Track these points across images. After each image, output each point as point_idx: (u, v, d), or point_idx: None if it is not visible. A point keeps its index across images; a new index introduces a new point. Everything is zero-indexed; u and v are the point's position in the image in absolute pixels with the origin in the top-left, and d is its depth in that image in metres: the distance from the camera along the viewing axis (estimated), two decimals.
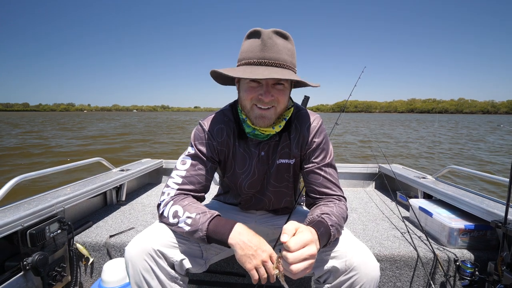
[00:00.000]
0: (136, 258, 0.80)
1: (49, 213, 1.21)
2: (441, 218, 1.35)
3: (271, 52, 0.80)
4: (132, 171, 2.04)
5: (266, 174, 1.00)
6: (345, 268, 0.78)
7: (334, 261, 0.80)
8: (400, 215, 1.71)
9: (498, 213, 1.19)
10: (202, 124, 0.97)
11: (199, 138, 0.96)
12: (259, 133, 0.91)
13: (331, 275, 0.82)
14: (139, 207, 1.84)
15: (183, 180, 0.92)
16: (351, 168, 2.46)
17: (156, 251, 0.80)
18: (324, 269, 0.82)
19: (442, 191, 1.58)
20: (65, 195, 1.36)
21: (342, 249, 0.82)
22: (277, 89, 0.83)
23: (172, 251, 0.83)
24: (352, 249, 0.81)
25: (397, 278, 1.25)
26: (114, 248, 1.32)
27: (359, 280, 0.77)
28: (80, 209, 1.61)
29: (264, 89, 0.82)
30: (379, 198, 2.11)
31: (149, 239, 0.82)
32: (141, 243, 0.81)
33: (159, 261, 0.81)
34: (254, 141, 0.96)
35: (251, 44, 0.83)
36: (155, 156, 2.79)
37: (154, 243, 0.81)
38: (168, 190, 0.91)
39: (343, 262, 0.79)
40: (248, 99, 0.85)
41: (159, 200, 0.92)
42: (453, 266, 1.21)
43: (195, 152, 0.94)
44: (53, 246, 1.21)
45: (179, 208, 0.84)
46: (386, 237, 1.40)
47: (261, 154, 0.97)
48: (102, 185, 1.65)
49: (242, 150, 0.97)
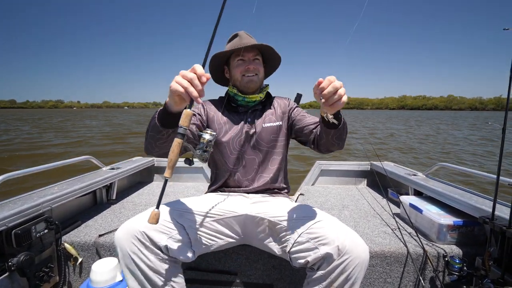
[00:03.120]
0: (124, 241, 0.86)
1: (35, 213, 1.19)
2: (430, 215, 1.37)
3: (247, 39, 1.20)
4: (123, 170, 2.01)
5: (254, 135, 1.22)
6: (338, 252, 0.83)
7: (326, 247, 0.84)
8: (391, 211, 1.73)
9: (486, 209, 1.21)
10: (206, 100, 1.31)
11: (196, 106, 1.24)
12: (248, 100, 1.23)
13: (324, 261, 0.85)
14: (129, 206, 1.81)
15: None
16: (343, 166, 2.48)
17: (142, 233, 0.85)
18: (318, 257, 0.86)
19: (432, 187, 1.61)
20: (53, 194, 1.33)
21: (333, 235, 0.86)
22: (255, 62, 1.21)
23: (159, 235, 0.87)
24: (342, 234, 0.86)
25: (387, 274, 1.26)
26: (103, 248, 1.30)
27: (351, 263, 0.83)
28: (69, 208, 1.58)
29: (247, 62, 1.20)
30: (371, 195, 2.13)
31: (136, 223, 0.87)
32: (128, 227, 0.87)
33: (146, 243, 0.86)
34: (241, 110, 1.26)
35: (232, 43, 1.22)
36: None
37: (141, 226, 0.86)
38: None
39: (336, 247, 0.83)
40: (239, 72, 1.20)
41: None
42: (442, 261, 1.23)
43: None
44: (40, 246, 1.18)
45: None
46: (377, 233, 1.41)
47: (248, 119, 1.24)
48: (91, 183, 1.62)
49: (230, 115, 1.25)
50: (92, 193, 1.80)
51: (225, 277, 1.28)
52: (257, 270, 1.28)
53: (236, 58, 1.21)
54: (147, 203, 1.86)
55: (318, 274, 0.87)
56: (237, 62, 1.21)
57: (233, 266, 1.28)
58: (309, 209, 1.02)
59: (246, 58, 1.20)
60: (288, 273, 1.27)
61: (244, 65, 1.20)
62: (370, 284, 1.28)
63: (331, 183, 2.49)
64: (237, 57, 1.20)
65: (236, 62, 1.21)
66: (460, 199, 1.37)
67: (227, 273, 1.28)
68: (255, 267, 1.28)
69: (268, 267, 1.27)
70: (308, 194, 2.13)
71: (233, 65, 1.23)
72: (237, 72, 1.21)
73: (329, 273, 0.84)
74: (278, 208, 1.06)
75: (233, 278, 1.28)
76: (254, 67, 1.20)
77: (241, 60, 1.20)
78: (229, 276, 1.28)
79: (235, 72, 1.21)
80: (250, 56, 1.21)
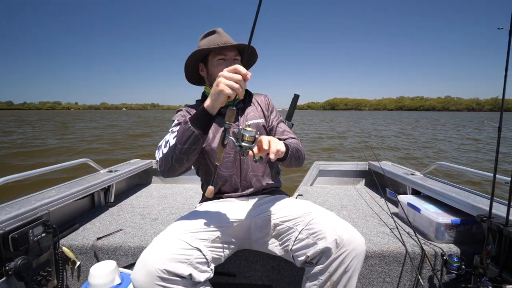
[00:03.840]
0: (146, 285, 0.77)
1: (32, 216, 1.18)
2: (428, 214, 1.37)
3: (226, 38, 1.15)
4: (121, 172, 2.00)
5: None
6: (336, 246, 0.85)
7: (324, 242, 0.87)
8: (389, 211, 1.73)
9: (483, 207, 1.22)
10: (181, 108, 1.22)
11: (179, 116, 1.17)
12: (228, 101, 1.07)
13: (323, 255, 0.88)
14: (128, 208, 1.81)
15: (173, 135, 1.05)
16: (341, 166, 2.49)
17: (163, 271, 0.78)
18: (317, 251, 0.88)
19: (429, 187, 1.61)
20: (50, 197, 1.32)
21: (330, 229, 0.88)
22: (236, 63, 1.15)
23: (180, 266, 0.81)
24: (339, 228, 0.89)
25: (386, 273, 1.26)
26: (101, 251, 1.30)
27: (349, 255, 0.85)
28: (66, 212, 1.57)
29: (230, 61, 1.14)
30: (369, 195, 2.14)
31: (153, 259, 0.79)
32: (145, 267, 0.79)
33: (171, 278, 0.79)
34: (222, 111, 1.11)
35: (209, 39, 1.15)
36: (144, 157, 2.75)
37: (158, 262, 0.78)
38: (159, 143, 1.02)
39: (334, 241, 0.86)
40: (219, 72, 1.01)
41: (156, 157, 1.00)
42: (440, 260, 1.23)
43: (178, 121, 1.12)
44: (38, 250, 1.17)
45: (166, 137, 0.98)
46: (376, 233, 1.41)
47: None
48: (89, 186, 1.61)
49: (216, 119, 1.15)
50: (90, 196, 1.79)
51: (224, 279, 1.28)
52: (256, 271, 1.28)
53: (216, 56, 1.14)
54: (145, 206, 1.86)
55: (316, 269, 0.89)
56: (218, 61, 1.14)
57: (232, 267, 1.28)
58: (307, 205, 1.06)
59: (228, 57, 1.14)
60: (287, 273, 1.27)
61: (225, 64, 1.13)
62: (369, 283, 1.28)
63: (330, 183, 2.50)
64: (217, 56, 1.14)
65: (216, 61, 1.14)
66: (458, 198, 1.37)
67: (226, 274, 1.27)
68: (254, 268, 1.28)
69: (267, 268, 1.27)
70: (307, 195, 2.14)
71: (212, 63, 1.15)
72: (218, 71, 1.11)
73: (327, 267, 0.87)
74: (279, 209, 1.08)
75: (232, 279, 1.28)
76: None
77: (222, 59, 1.14)
78: (228, 278, 1.28)
79: (215, 70, 1.14)
80: (232, 55, 1.15)
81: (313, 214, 0.98)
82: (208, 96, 0.86)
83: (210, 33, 1.17)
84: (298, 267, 1.27)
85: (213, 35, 1.16)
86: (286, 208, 1.08)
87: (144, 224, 1.53)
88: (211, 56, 1.16)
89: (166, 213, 1.71)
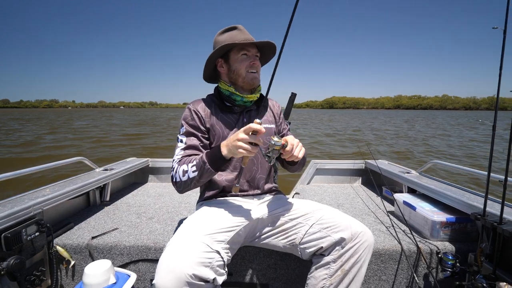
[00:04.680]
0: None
1: (26, 215, 1.17)
2: (424, 212, 1.38)
3: (248, 35, 1.15)
4: (117, 171, 1.99)
5: None
6: (351, 237, 0.94)
7: (341, 233, 0.95)
8: (385, 209, 1.74)
9: (478, 205, 1.23)
10: (189, 106, 1.18)
11: (187, 117, 1.15)
12: (246, 100, 1.17)
13: (336, 246, 0.96)
14: (123, 207, 1.79)
15: (184, 151, 1.09)
16: (338, 164, 2.49)
17: (192, 276, 0.77)
18: (331, 243, 0.96)
19: (425, 185, 1.62)
20: (44, 196, 1.31)
21: (345, 222, 0.98)
22: (258, 60, 1.17)
23: (206, 270, 0.80)
24: (352, 222, 1.00)
25: (382, 271, 1.27)
26: (96, 250, 1.29)
27: (362, 246, 0.94)
28: (61, 210, 1.56)
29: (253, 58, 1.14)
30: (365, 194, 2.14)
31: (179, 264, 0.77)
32: (173, 272, 0.76)
33: (199, 284, 0.78)
34: (236, 110, 1.19)
35: (231, 34, 1.14)
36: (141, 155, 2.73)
37: (185, 267, 0.77)
38: (174, 164, 1.07)
39: (349, 232, 0.95)
40: (243, 67, 1.13)
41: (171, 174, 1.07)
42: (436, 258, 1.24)
43: (187, 129, 1.13)
44: (31, 249, 1.16)
45: (183, 166, 1.02)
46: (372, 231, 1.41)
47: (244, 120, 1.19)
48: (84, 185, 1.60)
49: (226, 118, 1.18)
50: (85, 194, 1.78)
51: None
52: (252, 269, 1.28)
53: (240, 52, 1.13)
54: (141, 204, 1.85)
55: (329, 258, 0.96)
56: (242, 57, 1.13)
57: (228, 266, 1.28)
58: (313, 204, 1.14)
59: (250, 53, 1.14)
60: (284, 272, 1.27)
61: (249, 60, 1.13)
62: (365, 281, 1.28)
63: (326, 181, 2.50)
64: (241, 51, 1.13)
65: (240, 56, 1.13)
66: (453, 196, 1.38)
67: None
68: (251, 266, 1.27)
69: (263, 267, 1.27)
70: (304, 193, 2.14)
71: (235, 59, 1.14)
72: (242, 66, 1.13)
73: (340, 256, 0.94)
74: (285, 207, 1.13)
75: (229, 278, 1.28)
76: (258, 63, 1.16)
77: (245, 54, 1.13)
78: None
79: (240, 66, 1.13)
80: (254, 52, 1.15)
81: (323, 211, 1.07)
82: (226, 146, 0.95)
83: (230, 28, 1.16)
84: (295, 265, 1.27)
85: (235, 31, 1.15)
86: (292, 206, 1.14)
87: (140, 223, 1.52)
88: (233, 52, 1.14)
89: (162, 212, 1.70)
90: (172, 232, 1.40)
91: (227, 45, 1.11)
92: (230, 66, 1.16)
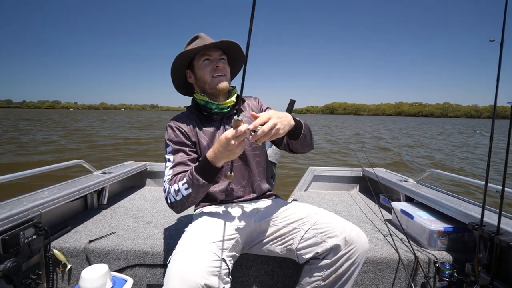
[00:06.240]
0: None
1: (24, 218, 1.16)
2: (421, 221, 1.39)
3: (209, 40, 1.13)
4: (115, 174, 1.98)
5: None
6: (345, 243, 0.94)
7: (335, 239, 0.95)
8: (382, 217, 1.74)
9: (475, 215, 1.24)
10: (170, 124, 1.16)
11: (171, 135, 1.13)
12: (222, 106, 1.16)
13: (331, 252, 0.96)
14: (121, 211, 1.79)
15: (173, 170, 1.05)
16: (336, 172, 2.50)
17: (203, 286, 0.76)
18: (326, 248, 0.96)
19: (422, 194, 1.63)
20: (42, 199, 1.30)
21: (340, 228, 0.97)
22: (222, 62, 1.15)
23: (216, 280, 0.80)
24: (348, 226, 0.98)
25: (379, 280, 1.27)
26: (93, 254, 1.28)
27: (356, 251, 0.94)
28: (58, 213, 1.55)
29: (215, 61, 1.13)
30: (363, 201, 2.15)
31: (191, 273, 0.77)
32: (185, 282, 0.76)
33: None
34: (216, 118, 1.18)
35: (194, 44, 1.14)
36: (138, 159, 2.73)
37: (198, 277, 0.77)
38: (165, 185, 1.03)
39: (343, 239, 0.94)
40: (207, 72, 1.12)
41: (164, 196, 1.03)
42: (433, 267, 1.24)
43: (173, 147, 1.10)
44: (28, 252, 1.15)
45: (174, 185, 0.98)
46: (369, 239, 1.42)
47: (225, 126, 1.17)
48: (82, 188, 1.59)
49: (207, 127, 1.16)
50: (83, 197, 1.77)
51: None
52: (249, 276, 1.27)
53: (201, 58, 1.13)
54: (139, 208, 1.84)
55: (323, 263, 0.96)
56: (204, 62, 1.13)
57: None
58: (309, 208, 1.13)
59: (213, 57, 1.13)
60: (281, 279, 1.27)
61: (212, 64, 1.13)
62: None
63: (324, 188, 2.50)
64: (202, 57, 1.13)
65: (202, 63, 1.13)
66: (450, 206, 1.39)
67: None
68: (248, 273, 1.27)
69: (260, 273, 1.27)
70: (301, 200, 2.14)
71: (198, 66, 1.14)
72: (205, 72, 1.12)
73: (335, 262, 0.95)
74: (281, 212, 1.13)
75: None
76: (222, 65, 1.14)
77: (207, 59, 1.13)
78: None
79: (203, 72, 1.13)
80: (217, 55, 1.14)
81: (318, 215, 1.05)
82: (217, 156, 0.90)
83: (193, 39, 1.17)
84: (292, 272, 1.27)
85: (197, 40, 1.15)
86: (288, 210, 1.13)
87: (137, 227, 1.52)
88: (196, 60, 1.15)
89: (160, 216, 1.69)
90: (169, 237, 1.39)
91: (181, 55, 1.12)
92: (196, 75, 1.17)
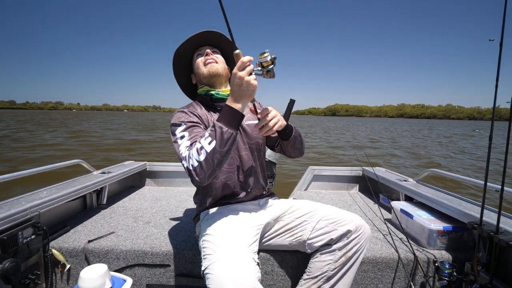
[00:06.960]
0: None
1: (22, 218, 1.16)
2: (421, 220, 1.39)
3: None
4: (114, 174, 1.98)
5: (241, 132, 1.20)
6: (355, 228, 1.05)
7: (347, 226, 1.06)
8: (382, 217, 1.74)
9: (474, 214, 1.24)
10: (181, 109, 1.14)
11: (182, 117, 1.09)
12: (223, 93, 1.19)
13: (343, 237, 1.06)
14: (120, 211, 1.78)
15: (191, 140, 0.99)
16: (336, 171, 2.50)
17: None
18: (339, 234, 1.05)
19: (422, 193, 1.63)
20: (41, 199, 1.30)
21: (349, 217, 1.09)
22: (213, 52, 1.22)
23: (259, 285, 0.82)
24: (354, 216, 1.11)
25: (379, 280, 1.27)
26: (92, 254, 1.28)
27: (363, 236, 1.07)
28: (57, 213, 1.55)
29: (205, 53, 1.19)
30: (363, 201, 2.15)
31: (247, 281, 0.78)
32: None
33: None
34: (219, 107, 1.20)
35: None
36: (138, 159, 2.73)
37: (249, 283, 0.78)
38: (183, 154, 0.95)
39: (354, 224, 1.06)
40: (201, 65, 1.19)
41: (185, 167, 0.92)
42: (432, 267, 1.24)
43: (186, 125, 1.05)
44: (27, 252, 1.15)
45: (196, 144, 0.91)
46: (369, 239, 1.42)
47: None
48: (81, 188, 1.59)
49: (215, 116, 1.17)
50: (82, 197, 1.77)
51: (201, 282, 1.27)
52: None
53: (195, 56, 1.24)
54: (138, 208, 1.84)
55: (335, 246, 1.06)
56: (197, 59, 1.23)
57: None
58: (313, 203, 1.21)
59: (203, 51, 1.22)
60: (281, 278, 1.27)
61: (203, 56, 1.21)
62: None
63: (324, 188, 2.50)
64: (195, 55, 1.24)
65: (196, 59, 1.23)
66: (450, 205, 1.39)
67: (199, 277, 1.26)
68: None
69: (260, 273, 1.26)
70: (301, 199, 2.14)
71: (195, 65, 1.24)
72: (199, 65, 1.20)
73: (346, 244, 1.05)
74: (288, 208, 1.20)
75: None
76: (212, 54, 1.20)
77: (200, 55, 1.23)
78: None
79: (198, 66, 1.20)
80: (207, 49, 1.22)
81: (325, 208, 1.16)
82: (235, 97, 0.90)
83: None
84: (292, 271, 1.27)
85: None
86: (293, 207, 1.20)
87: (136, 227, 1.52)
88: (193, 60, 1.26)
89: (159, 216, 1.69)
90: (168, 236, 1.39)
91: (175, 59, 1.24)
92: (196, 75, 1.25)
